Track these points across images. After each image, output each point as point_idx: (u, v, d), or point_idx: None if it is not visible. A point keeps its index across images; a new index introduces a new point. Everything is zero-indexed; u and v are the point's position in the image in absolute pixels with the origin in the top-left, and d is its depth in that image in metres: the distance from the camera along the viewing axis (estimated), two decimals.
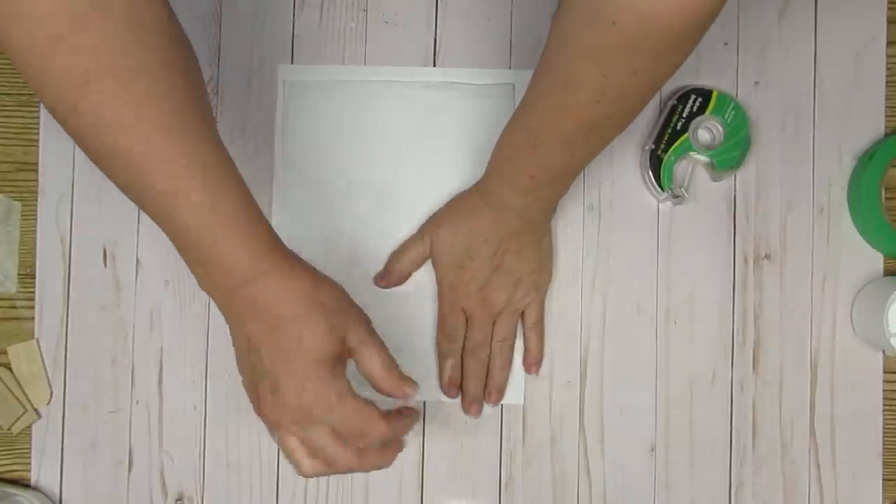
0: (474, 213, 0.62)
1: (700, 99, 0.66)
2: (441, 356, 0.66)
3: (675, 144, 0.66)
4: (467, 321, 0.65)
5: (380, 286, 0.66)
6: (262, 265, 0.48)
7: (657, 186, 0.66)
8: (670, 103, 0.66)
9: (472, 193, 0.63)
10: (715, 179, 0.67)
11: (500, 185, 0.60)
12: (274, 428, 0.50)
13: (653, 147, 0.66)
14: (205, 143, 0.46)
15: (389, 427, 0.50)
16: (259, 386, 0.50)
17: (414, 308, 0.67)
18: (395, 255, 0.66)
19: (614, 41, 0.44)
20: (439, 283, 0.65)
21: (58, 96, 0.43)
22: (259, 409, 0.50)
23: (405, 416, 0.53)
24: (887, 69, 0.68)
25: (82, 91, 0.42)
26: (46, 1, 0.40)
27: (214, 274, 0.48)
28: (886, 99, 0.68)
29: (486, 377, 0.66)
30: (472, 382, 0.65)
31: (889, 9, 0.68)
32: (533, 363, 0.66)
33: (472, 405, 0.66)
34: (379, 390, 0.52)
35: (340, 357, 0.50)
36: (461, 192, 0.65)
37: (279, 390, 0.49)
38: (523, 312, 0.65)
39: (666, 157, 0.66)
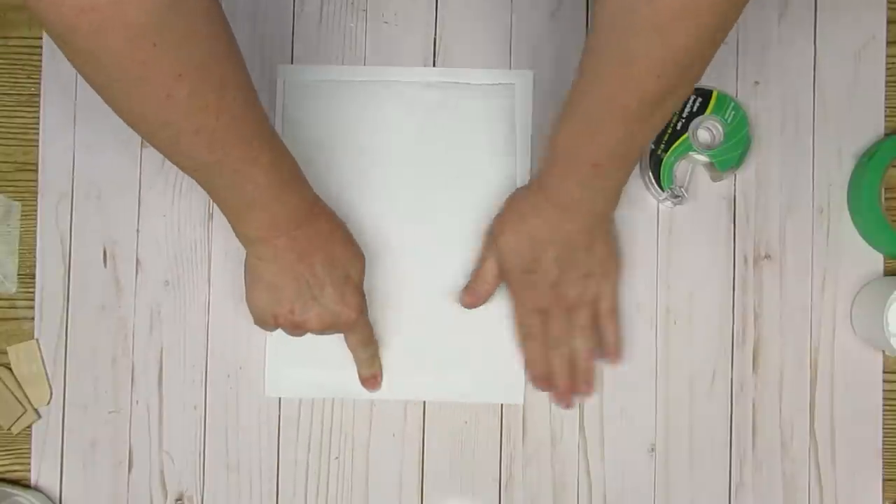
0: (536, 212, 0.61)
1: (700, 99, 0.66)
2: (526, 355, 0.65)
3: (675, 144, 0.66)
4: (544, 318, 0.64)
5: (467, 306, 0.66)
6: (315, 209, 0.59)
7: (657, 186, 0.66)
8: None
9: (531, 191, 0.62)
10: (715, 179, 0.67)
11: (561, 179, 0.58)
12: (293, 329, 0.60)
13: (652, 147, 0.66)
14: (261, 112, 0.53)
15: (375, 351, 0.66)
16: (313, 308, 0.59)
17: (402, 301, 0.67)
18: (474, 275, 0.65)
19: (672, 9, 0.44)
20: (509, 286, 0.65)
21: (154, 91, 0.47)
22: (286, 317, 0.59)
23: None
24: (887, 69, 0.68)
25: (176, 83, 0.46)
26: (132, 9, 0.42)
27: (281, 220, 0.56)
28: (886, 99, 0.68)
29: (574, 369, 0.65)
30: (560, 376, 0.64)
31: (889, 9, 0.68)
32: (611, 353, 0.65)
33: (562, 399, 0.65)
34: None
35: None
36: (520, 190, 0.64)
37: (321, 303, 0.59)
38: (597, 302, 0.64)
39: (666, 158, 0.66)
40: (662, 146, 0.66)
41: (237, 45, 0.51)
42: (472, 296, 0.65)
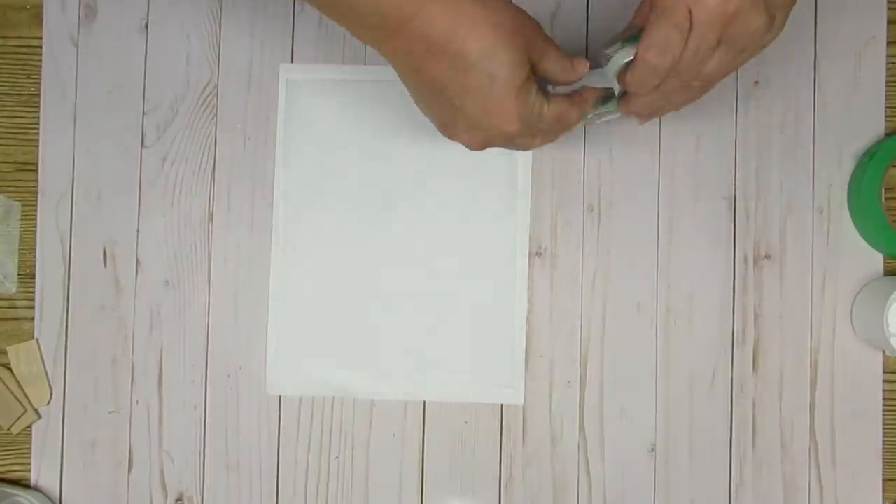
0: None
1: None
2: (641, 70, 0.51)
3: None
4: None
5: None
6: None
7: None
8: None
9: None
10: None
11: None
12: (477, 146, 0.52)
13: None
14: None
15: (580, 110, 0.53)
16: (455, 124, 0.50)
17: (413, 311, 0.67)
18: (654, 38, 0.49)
19: None
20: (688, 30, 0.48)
21: None
22: (460, 139, 0.51)
23: (583, 94, 0.53)
24: (887, 69, 0.68)
25: None
26: None
27: (371, 18, 0.46)
28: (886, 99, 0.68)
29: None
30: (656, 101, 0.53)
31: (889, 9, 0.68)
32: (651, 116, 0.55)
33: (641, 115, 0.56)
34: (560, 84, 0.52)
35: (531, 76, 0.49)
36: None
37: (479, 127, 0.49)
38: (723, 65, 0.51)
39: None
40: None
41: None
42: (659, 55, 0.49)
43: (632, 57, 0.51)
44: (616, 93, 0.55)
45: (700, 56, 0.50)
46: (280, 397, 0.67)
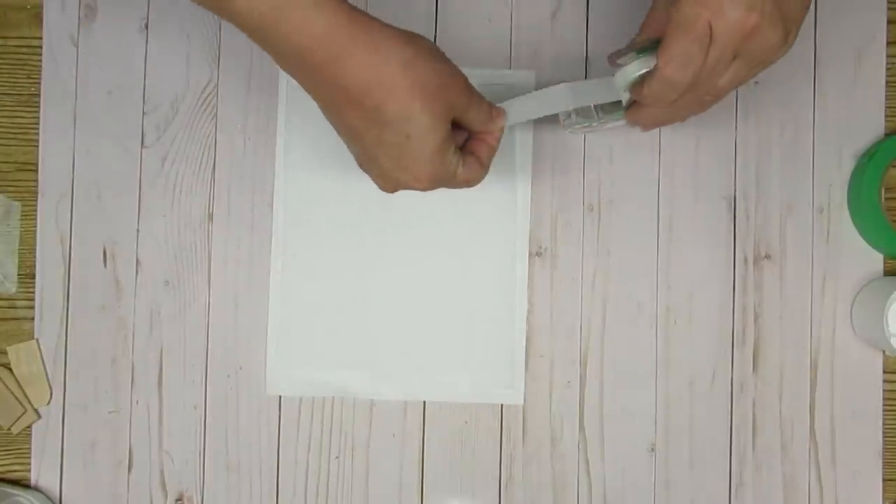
0: None
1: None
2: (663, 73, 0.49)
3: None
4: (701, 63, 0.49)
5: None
6: (341, 38, 0.44)
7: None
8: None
9: None
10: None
11: None
12: (389, 191, 0.52)
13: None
14: None
15: (486, 167, 0.53)
16: (370, 168, 0.50)
17: (407, 310, 0.67)
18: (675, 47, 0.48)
19: None
20: (709, 41, 0.48)
21: None
22: (372, 178, 0.51)
23: (487, 145, 0.54)
24: (887, 69, 0.68)
25: None
26: None
27: (291, 56, 0.45)
28: (886, 99, 0.68)
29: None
30: (665, 112, 0.53)
31: (889, 9, 0.68)
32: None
33: (646, 125, 0.55)
34: (479, 134, 0.53)
35: (449, 133, 0.49)
36: None
37: (392, 178, 0.49)
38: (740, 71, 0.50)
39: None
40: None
41: None
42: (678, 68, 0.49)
43: (647, 69, 0.51)
44: (624, 103, 0.55)
45: (717, 70, 0.49)
46: (280, 397, 0.67)
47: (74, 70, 0.68)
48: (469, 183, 0.53)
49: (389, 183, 0.50)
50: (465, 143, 0.53)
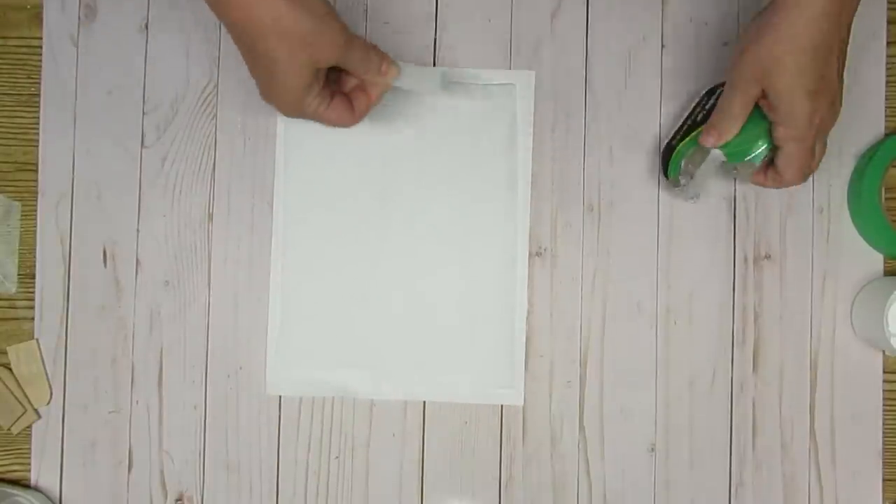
0: (802, 13, 0.52)
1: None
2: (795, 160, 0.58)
3: (691, 136, 0.64)
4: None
5: (707, 144, 0.60)
6: None
7: (664, 175, 0.65)
8: (699, 95, 0.65)
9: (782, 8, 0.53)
10: (733, 174, 0.65)
11: None
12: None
13: (670, 137, 0.65)
14: None
15: (357, 116, 0.59)
16: (257, 85, 0.56)
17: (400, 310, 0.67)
18: (722, 110, 0.58)
19: None
20: (784, 118, 0.56)
21: None
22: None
23: (366, 96, 0.59)
24: (887, 69, 0.68)
25: None
26: None
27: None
28: (886, 99, 0.68)
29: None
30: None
31: (889, 9, 0.68)
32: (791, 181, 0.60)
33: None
34: (364, 83, 0.59)
35: (314, 78, 0.55)
36: (764, 11, 0.55)
37: (266, 100, 0.56)
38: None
39: (679, 147, 0.64)
40: (679, 136, 0.64)
41: None
42: (715, 134, 0.59)
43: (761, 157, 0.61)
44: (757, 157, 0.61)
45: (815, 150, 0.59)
46: (280, 397, 0.67)
47: (74, 70, 0.68)
48: (336, 123, 0.58)
49: (265, 100, 0.56)
50: (353, 87, 0.59)
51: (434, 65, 0.68)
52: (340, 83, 0.59)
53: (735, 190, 0.68)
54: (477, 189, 0.67)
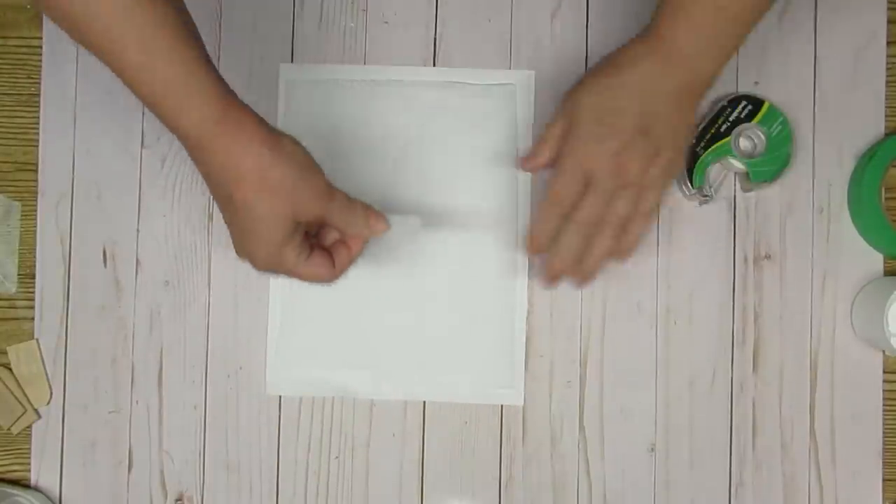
0: (634, 63, 0.55)
1: (750, 106, 0.65)
2: (541, 220, 0.59)
3: (716, 146, 0.65)
4: (583, 189, 0.58)
5: (525, 169, 0.62)
6: (211, 126, 0.49)
7: (688, 183, 0.65)
8: (720, 104, 0.66)
9: (634, 42, 0.57)
10: (744, 189, 0.67)
11: (676, 23, 0.54)
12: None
13: (693, 143, 0.65)
14: (152, 12, 0.47)
15: (337, 271, 0.56)
16: (231, 231, 0.53)
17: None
18: (541, 136, 0.60)
19: None
20: (572, 141, 0.57)
21: None
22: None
23: (347, 250, 0.56)
24: (887, 69, 0.68)
25: None
26: None
27: (174, 131, 0.50)
28: (886, 99, 0.68)
29: (585, 255, 0.60)
30: (565, 256, 0.59)
31: (889, 9, 0.68)
32: (625, 251, 0.60)
33: (552, 279, 0.61)
34: (345, 237, 0.57)
35: (294, 231, 0.52)
36: (617, 49, 0.58)
37: (239, 252, 0.53)
38: (647, 191, 0.58)
39: (703, 156, 0.65)
40: (702, 144, 0.65)
41: None
42: (530, 159, 0.60)
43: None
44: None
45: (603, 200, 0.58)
46: (280, 397, 0.67)
47: (74, 70, 0.68)
48: (315, 279, 0.55)
49: (239, 255, 0.54)
50: (334, 241, 0.57)
51: (434, 64, 0.68)
52: (320, 237, 0.57)
53: (735, 190, 0.68)
54: (477, 189, 0.67)
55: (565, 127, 0.58)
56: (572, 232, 0.59)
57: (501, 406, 0.67)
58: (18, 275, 0.67)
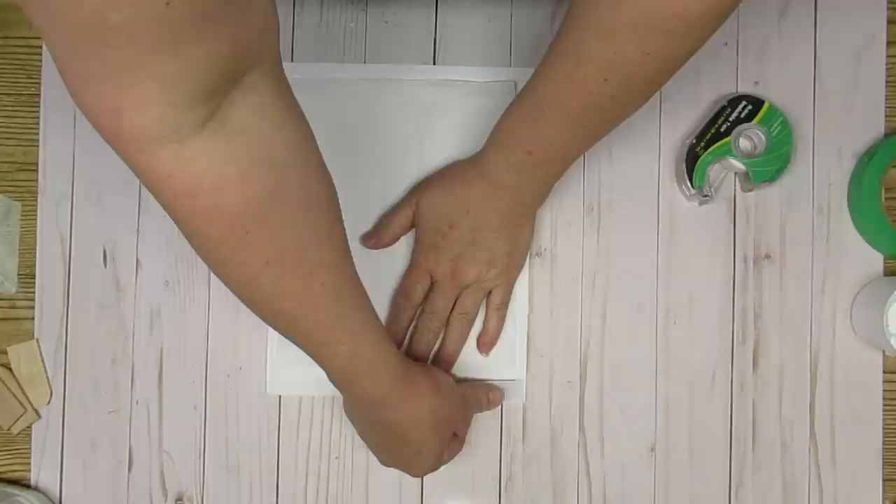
0: (465, 182, 0.62)
1: (750, 107, 0.65)
2: (393, 312, 0.66)
3: (716, 146, 0.65)
4: (432, 286, 0.65)
5: (367, 246, 0.66)
6: (393, 394, 0.56)
7: (688, 183, 0.66)
8: (720, 104, 0.66)
9: (467, 163, 0.63)
10: (744, 189, 0.67)
11: (497, 158, 0.59)
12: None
13: (693, 143, 0.66)
14: (353, 298, 0.53)
15: (463, 440, 0.64)
16: (389, 463, 0.62)
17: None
18: (385, 217, 0.66)
19: (630, 17, 0.45)
20: (416, 242, 0.65)
21: (239, 274, 0.47)
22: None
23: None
24: (887, 69, 0.68)
25: (262, 270, 0.47)
26: (231, 198, 0.43)
27: (356, 402, 0.58)
28: (886, 99, 0.68)
29: (440, 347, 0.66)
30: (420, 346, 0.65)
31: (889, 9, 0.68)
32: (487, 343, 0.66)
33: (420, 360, 0.66)
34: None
35: (447, 446, 0.62)
36: (457, 161, 0.65)
37: (405, 465, 0.61)
38: (490, 292, 0.65)
39: (703, 156, 0.65)
40: (702, 144, 0.65)
41: (341, 223, 0.51)
42: (376, 238, 0.66)
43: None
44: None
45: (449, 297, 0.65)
46: (280, 397, 0.67)
47: None
48: (452, 458, 0.63)
49: (394, 467, 0.62)
50: None
51: (434, 64, 0.68)
52: None
53: (735, 190, 0.68)
54: None
55: (409, 220, 0.65)
56: (423, 328, 0.65)
57: (501, 406, 0.67)
58: (18, 275, 0.67)
